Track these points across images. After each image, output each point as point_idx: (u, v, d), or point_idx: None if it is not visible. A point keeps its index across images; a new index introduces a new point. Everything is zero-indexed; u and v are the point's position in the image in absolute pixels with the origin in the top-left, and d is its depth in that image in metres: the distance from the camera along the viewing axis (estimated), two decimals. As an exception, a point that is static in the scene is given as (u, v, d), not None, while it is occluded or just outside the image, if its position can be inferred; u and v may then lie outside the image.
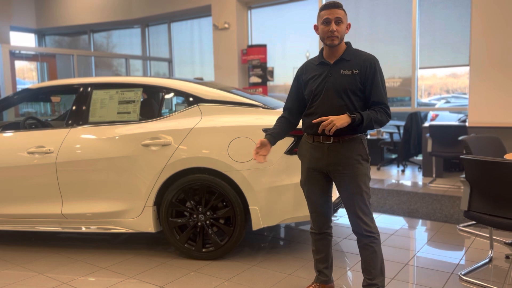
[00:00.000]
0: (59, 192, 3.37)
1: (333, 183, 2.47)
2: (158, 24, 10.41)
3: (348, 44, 2.40)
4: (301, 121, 2.51)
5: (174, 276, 3.00)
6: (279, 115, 2.52)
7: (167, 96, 3.53)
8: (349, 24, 2.38)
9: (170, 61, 10.26)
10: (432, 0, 6.81)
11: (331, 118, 2.18)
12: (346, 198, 2.35)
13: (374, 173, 6.67)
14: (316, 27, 2.37)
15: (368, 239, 2.35)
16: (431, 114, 8.11)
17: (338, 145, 2.32)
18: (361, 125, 2.24)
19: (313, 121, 2.27)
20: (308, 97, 2.40)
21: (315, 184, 2.44)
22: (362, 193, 2.32)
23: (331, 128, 2.16)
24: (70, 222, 3.41)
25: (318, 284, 2.58)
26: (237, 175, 3.07)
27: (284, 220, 3.14)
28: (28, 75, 9.53)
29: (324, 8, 2.31)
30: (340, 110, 2.27)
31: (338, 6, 2.30)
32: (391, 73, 7.32)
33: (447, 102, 7.92)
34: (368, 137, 7.50)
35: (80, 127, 3.42)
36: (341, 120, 2.18)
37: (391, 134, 6.95)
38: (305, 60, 8.59)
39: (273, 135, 2.46)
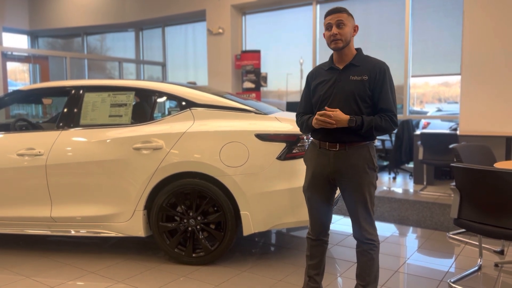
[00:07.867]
0: (49, 195, 3.34)
1: (336, 191, 2.46)
2: (152, 28, 10.39)
3: (358, 50, 2.39)
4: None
5: (163, 281, 2.97)
6: (271, 120, 2.49)
7: (160, 100, 3.52)
8: (357, 26, 2.35)
9: (163, 65, 10.25)
10: (425, 10, 6.89)
11: (335, 114, 2.17)
12: (350, 205, 2.35)
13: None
14: (324, 35, 2.37)
15: (367, 246, 2.34)
16: (423, 122, 8.17)
17: (344, 153, 2.29)
18: (360, 130, 2.22)
19: (318, 113, 2.22)
20: (316, 102, 2.38)
21: (318, 191, 2.41)
22: (366, 202, 2.31)
23: (328, 123, 2.18)
24: (59, 226, 3.38)
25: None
26: (229, 180, 3.06)
27: (275, 225, 3.14)
28: (20, 77, 9.46)
29: (326, 15, 2.32)
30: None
31: (340, 10, 2.28)
32: (384, 81, 7.35)
33: (439, 110, 7.99)
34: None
35: (71, 130, 3.40)
36: (340, 122, 2.19)
37: (382, 141, 6.98)
38: (298, 66, 8.69)
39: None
